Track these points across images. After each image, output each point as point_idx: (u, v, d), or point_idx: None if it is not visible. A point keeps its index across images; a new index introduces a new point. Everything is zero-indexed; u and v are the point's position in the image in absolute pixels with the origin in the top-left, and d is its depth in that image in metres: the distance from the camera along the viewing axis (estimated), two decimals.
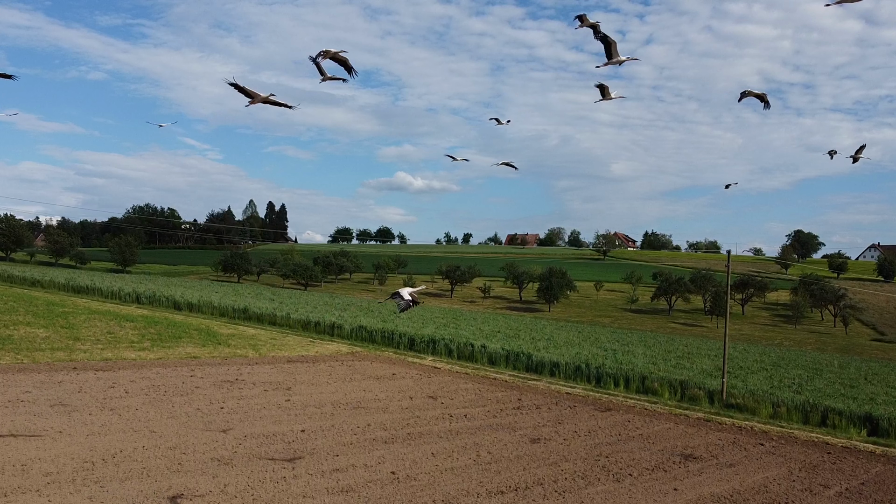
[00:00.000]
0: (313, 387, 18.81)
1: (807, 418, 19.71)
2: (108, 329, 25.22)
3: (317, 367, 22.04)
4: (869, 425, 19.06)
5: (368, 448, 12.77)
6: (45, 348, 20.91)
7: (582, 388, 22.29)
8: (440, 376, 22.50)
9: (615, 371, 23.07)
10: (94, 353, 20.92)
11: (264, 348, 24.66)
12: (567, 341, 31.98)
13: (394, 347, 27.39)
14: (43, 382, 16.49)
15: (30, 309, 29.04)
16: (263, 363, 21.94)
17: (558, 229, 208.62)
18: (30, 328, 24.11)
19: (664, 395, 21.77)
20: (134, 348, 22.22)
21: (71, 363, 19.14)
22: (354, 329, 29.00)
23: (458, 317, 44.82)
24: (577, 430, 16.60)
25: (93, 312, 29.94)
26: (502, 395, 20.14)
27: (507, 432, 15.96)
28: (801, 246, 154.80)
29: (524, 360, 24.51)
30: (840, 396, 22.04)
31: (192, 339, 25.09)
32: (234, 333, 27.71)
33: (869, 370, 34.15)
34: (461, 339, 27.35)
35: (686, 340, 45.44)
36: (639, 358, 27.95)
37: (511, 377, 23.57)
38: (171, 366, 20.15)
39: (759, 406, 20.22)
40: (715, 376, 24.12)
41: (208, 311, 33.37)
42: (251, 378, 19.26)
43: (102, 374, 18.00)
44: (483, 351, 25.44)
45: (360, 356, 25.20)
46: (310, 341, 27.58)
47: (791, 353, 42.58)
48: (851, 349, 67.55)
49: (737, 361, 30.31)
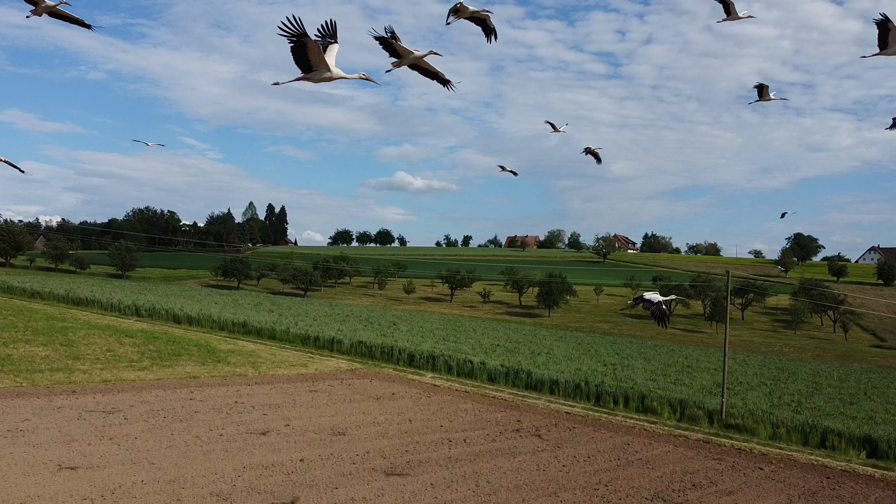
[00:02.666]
0: (312, 409, 18.81)
1: (806, 439, 19.71)
2: (107, 346, 25.22)
3: (316, 386, 22.04)
4: (868, 447, 19.06)
5: (368, 479, 12.77)
6: (45, 369, 20.91)
7: (581, 407, 22.30)
8: (440, 395, 22.51)
9: (615, 389, 23.08)
10: (93, 373, 20.92)
11: (263, 366, 24.66)
12: (567, 355, 31.99)
13: (393, 363, 27.40)
14: (42, 408, 16.49)
15: (29, 324, 29.03)
16: (263, 383, 21.94)
17: (558, 231, 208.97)
18: (29, 346, 24.11)
19: (664, 415, 21.78)
20: (133, 368, 22.22)
21: (70, 386, 19.14)
22: (354, 344, 29.02)
23: (457, 327, 44.80)
24: (577, 455, 16.60)
25: (92, 327, 29.94)
26: (501, 416, 20.14)
27: (507, 458, 15.97)
28: (801, 249, 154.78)
29: (524, 378, 24.52)
30: (839, 416, 22.05)
31: (191, 356, 25.09)
32: (234, 349, 27.71)
33: (869, 383, 34.18)
34: (460, 355, 27.37)
35: (686, 351, 45.45)
36: (638, 373, 27.96)
37: (510, 395, 23.58)
38: (171, 387, 20.15)
39: (759, 427, 20.23)
40: (714, 393, 24.14)
41: (208, 325, 33.40)
42: (250, 400, 19.26)
43: (101, 398, 18.00)
44: (482, 368, 25.46)
45: (359, 373, 25.21)
46: (309, 357, 27.58)
47: (791, 364, 42.59)
48: (851, 355, 67.59)
49: (736, 376, 30.32)
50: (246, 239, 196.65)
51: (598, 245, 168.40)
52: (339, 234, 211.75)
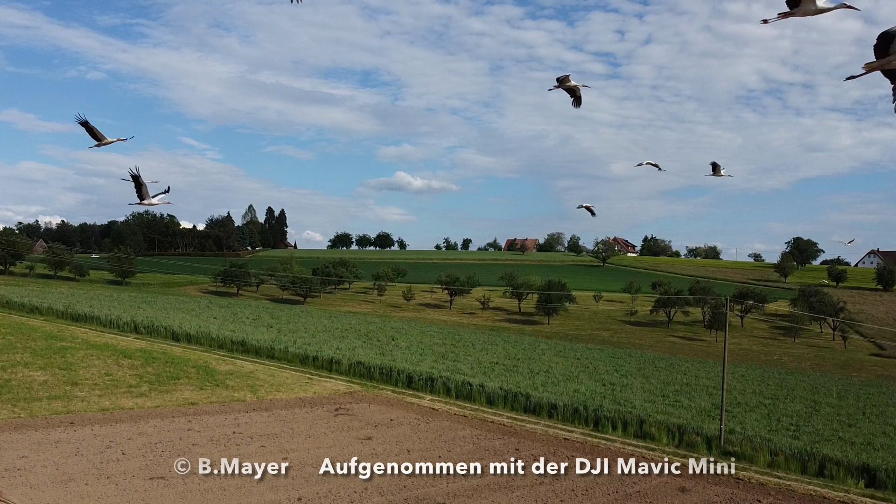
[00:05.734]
0: (311, 440, 18.80)
1: (805, 467, 19.70)
2: (105, 369, 25.21)
3: (314, 412, 22.03)
4: (866, 476, 19.06)
5: None
6: (43, 396, 20.91)
7: (580, 433, 22.30)
8: (438, 421, 22.49)
9: (613, 413, 23.06)
10: (91, 401, 20.92)
11: (262, 389, 24.66)
12: (565, 374, 31.98)
13: (392, 385, 27.39)
14: (40, 444, 16.48)
15: (28, 344, 29.03)
16: (261, 409, 21.94)
17: (557, 234, 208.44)
18: (27, 370, 24.11)
19: (662, 440, 21.78)
20: (132, 394, 22.21)
21: (68, 416, 19.15)
22: (353, 365, 28.99)
23: (456, 342, 44.79)
24: (575, 489, 16.61)
25: (91, 347, 29.93)
26: (500, 443, 20.13)
27: (505, 493, 15.98)
28: (801, 253, 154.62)
29: (522, 401, 24.52)
30: (838, 441, 22.04)
31: (190, 379, 25.08)
32: (233, 370, 27.70)
33: (868, 400, 34.15)
34: (459, 376, 27.35)
35: (685, 365, 45.44)
36: (637, 394, 27.95)
37: (509, 419, 23.57)
38: (169, 415, 20.15)
39: (757, 454, 20.23)
40: (713, 417, 24.13)
41: (206, 343, 33.39)
42: (248, 430, 19.25)
43: (99, 430, 17.99)
44: (481, 390, 25.46)
45: (357, 396, 25.20)
46: (308, 379, 27.57)
47: (790, 378, 42.58)
48: (850, 364, 67.56)
49: (735, 395, 30.31)
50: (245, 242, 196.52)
51: (597, 249, 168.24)
52: (338, 237, 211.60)
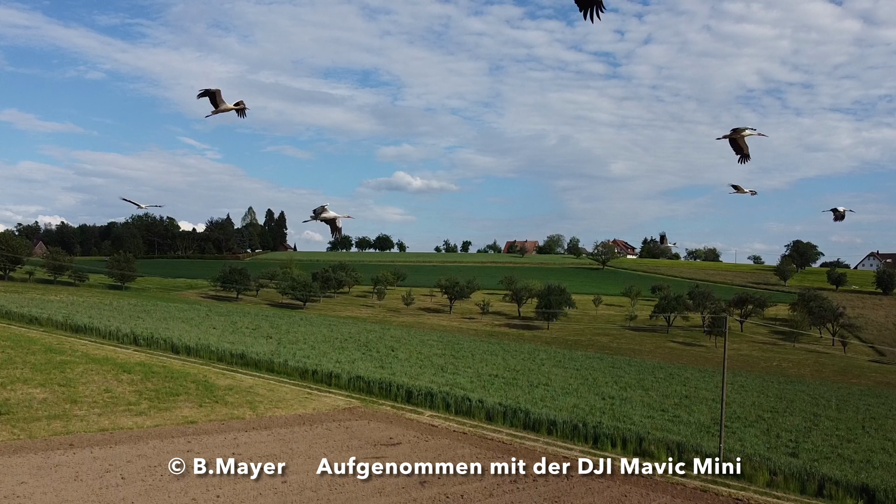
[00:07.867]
0: (310, 461, 18.81)
1: (804, 487, 19.74)
2: (105, 386, 25.22)
3: (314, 430, 22.05)
4: (865, 496, 19.08)
5: None
6: (42, 416, 20.92)
7: (579, 450, 22.33)
8: (438, 439, 22.52)
9: (612, 430, 23.10)
10: (90, 420, 20.93)
11: (262, 406, 24.68)
12: (565, 387, 32.01)
13: (392, 399, 27.42)
14: (40, 468, 16.49)
15: (27, 359, 29.04)
16: (260, 427, 21.95)
17: (557, 236, 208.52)
18: (27, 387, 24.11)
19: (661, 458, 21.79)
20: (131, 412, 22.23)
21: (68, 437, 19.16)
22: (352, 379, 29.03)
23: (456, 351, 44.83)
24: None
25: (90, 360, 29.95)
26: (499, 464, 20.12)
27: None
28: (800, 256, 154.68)
29: (521, 417, 24.56)
30: (837, 458, 22.07)
31: (189, 396, 25.10)
32: (232, 385, 27.72)
33: (867, 412, 34.18)
34: (459, 391, 27.39)
35: (685, 374, 45.44)
36: (636, 408, 27.98)
37: (508, 436, 23.61)
38: (168, 436, 20.16)
39: (756, 473, 20.26)
40: (712, 433, 24.17)
41: (206, 356, 33.44)
42: (248, 451, 19.27)
43: (99, 453, 18.00)
44: (480, 406, 25.50)
45: (357, 413, 25.22)
46: (307, 394, 27.60)
47: (789, 388, 42.61)
48: (850, 371, 67.60)
49: (733, 408, 30.33)
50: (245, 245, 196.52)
51: (597, 251, 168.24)
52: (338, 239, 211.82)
